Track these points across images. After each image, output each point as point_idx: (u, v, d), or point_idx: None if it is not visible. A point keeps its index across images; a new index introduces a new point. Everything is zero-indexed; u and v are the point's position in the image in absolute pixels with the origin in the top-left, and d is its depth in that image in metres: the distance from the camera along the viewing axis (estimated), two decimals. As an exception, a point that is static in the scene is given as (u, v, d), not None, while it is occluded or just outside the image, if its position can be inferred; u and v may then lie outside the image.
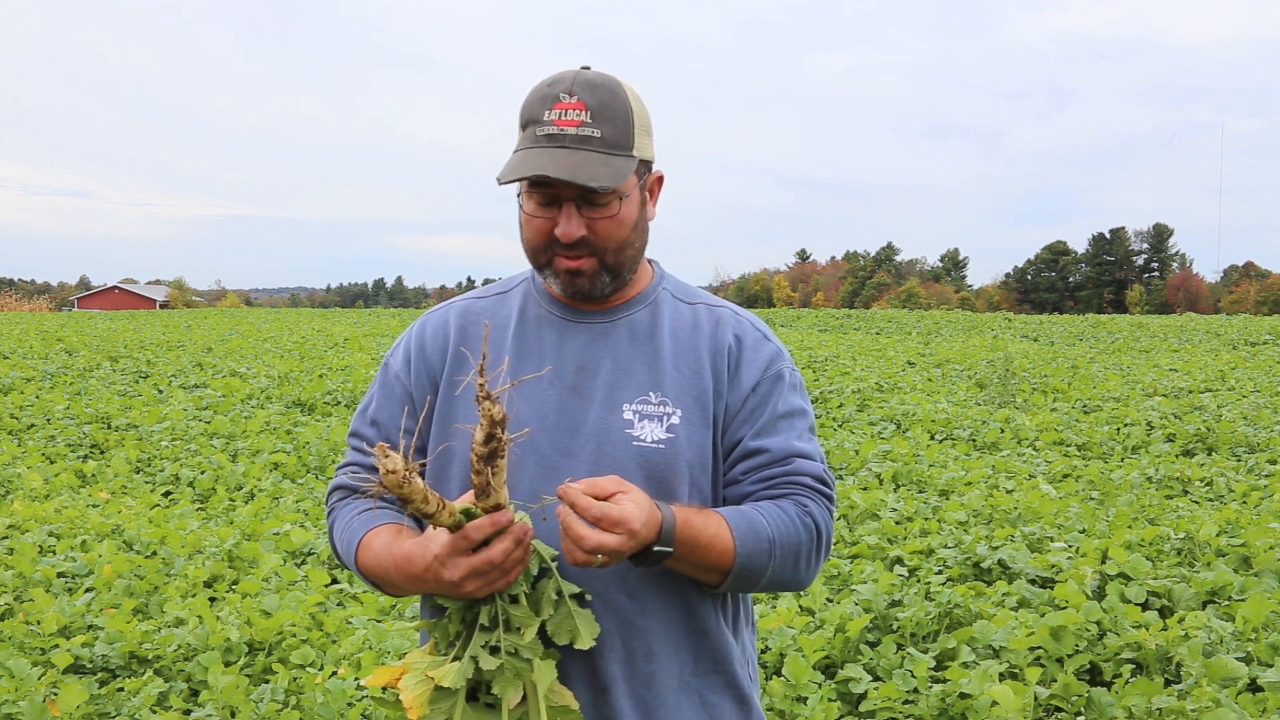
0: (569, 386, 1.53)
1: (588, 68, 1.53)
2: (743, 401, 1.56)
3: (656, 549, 1.38)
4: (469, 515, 1.31)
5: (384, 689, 1.43)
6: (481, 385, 1.23)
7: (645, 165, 1.54)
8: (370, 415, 1.63)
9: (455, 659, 1.37)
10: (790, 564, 1.50)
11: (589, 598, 1.43)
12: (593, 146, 1.46)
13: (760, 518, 1.48)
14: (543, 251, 1.53)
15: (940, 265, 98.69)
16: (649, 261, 1.67)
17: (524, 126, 1.50)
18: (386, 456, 1.22)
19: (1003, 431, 10.00)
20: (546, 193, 1.48)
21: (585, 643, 1.38)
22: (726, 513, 1.48)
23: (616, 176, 1.46)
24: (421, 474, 1.29)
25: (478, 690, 1.37)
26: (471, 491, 1.31)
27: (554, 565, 1.42)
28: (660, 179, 1.59)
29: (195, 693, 3.93)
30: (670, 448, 1.50)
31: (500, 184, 1.49)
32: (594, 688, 1.47)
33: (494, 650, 1.35)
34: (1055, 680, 3.76)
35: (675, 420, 1.52)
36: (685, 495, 1.51)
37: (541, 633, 1.38)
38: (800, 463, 1.54)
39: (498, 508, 1.30)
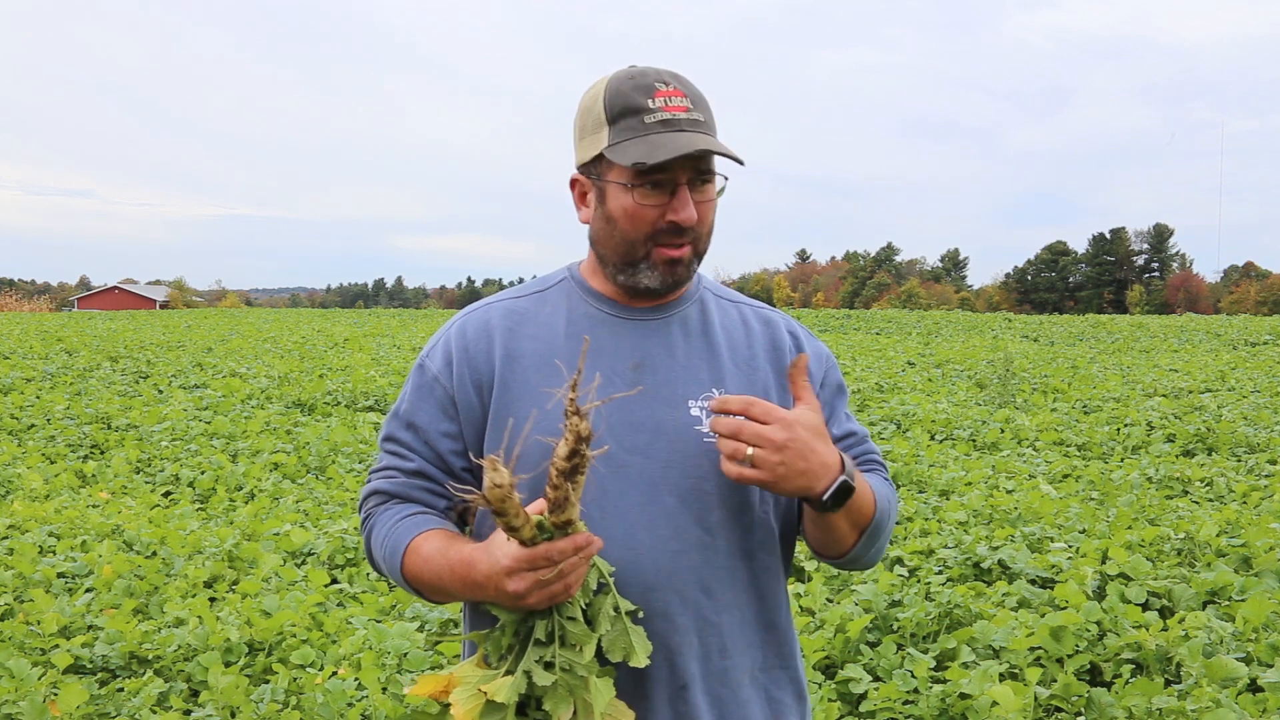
0: (628, 384, 1.51)
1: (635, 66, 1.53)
2: (818, 394, 1.60)
3: (843, 479, 1.40)
4: (540, 528, 1.30)
5: (421, 702, 1.41)
6: (572, 400, 1.21)
7: None
8: (406, 419, 1.57)
9: (507, 673, 1.35)
10: (890, 529, 1.59)
11: (641, 614, 1.43)
12: (704, 130, 1.47)
13: (879, 483, 1.57)
14: (643, 243, 1.49)
15: (940, 265, 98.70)
16: None
17: (617, 118, 1.47)
18: (496, 470, 1.21)
19: (1003, 431, 10.01)
20: (659, 179, 1.46)
21: (640, 660, 1.36)
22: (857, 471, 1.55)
23: (739, 156, 1.48)
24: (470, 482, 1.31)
25: (525, 705, 1.36)
26: (540, 501, 1.30)
27: (611, 580, 1.40)
28: None
29: (195, 693, 3.94)
30: None
31: (645, 167, 1.43)
32: (672, 686, 1.47)
33: (548, 666, 1.33)
34: (1055, 680, 3.76)
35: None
36: (757, 490, 1.52)
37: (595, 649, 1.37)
38: (870, 440, 1.66)
39: (569, 521, 1.29)
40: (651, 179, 1.46)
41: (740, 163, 1.47)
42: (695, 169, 1.46)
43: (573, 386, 1.22)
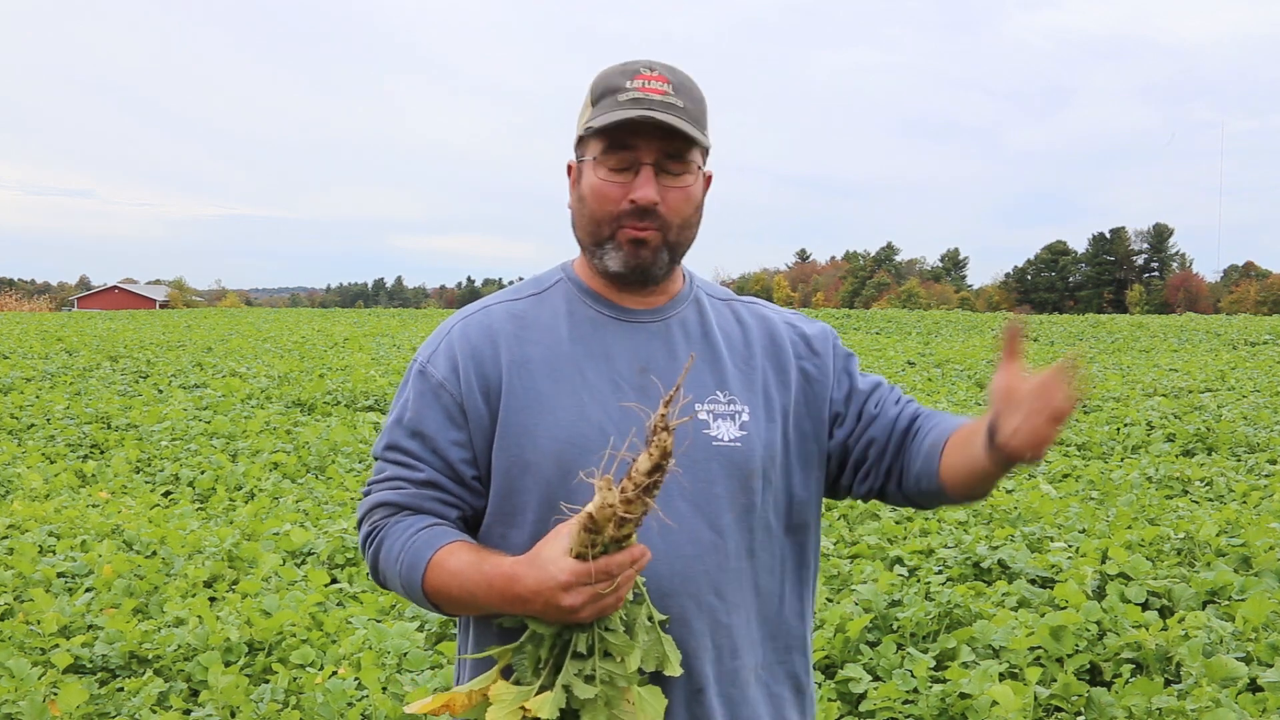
0: (636, 388, 1.50)
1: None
2: (835, 372, 1.64)
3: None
4: None
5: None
6: (662, 416, 1.21)
7: (707, 154, 1.56)
8: (410, 427, 1.51)
9: (543, 688, 1.33)
10: None
11: (669, 622, 1.43)
12: (678, 114, 1.47)
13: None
14: (608, 222, 1.49)
15: (940, 265, 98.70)
16: None
17: (598, 100, 1.49)
18: (610, 490, 1.21)
19: (1003, 431, 9.99)
20: (624, 157, 1.46)
21: (674, 669, 1.36)
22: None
23: (703, 138, 1.49)
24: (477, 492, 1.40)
25: None
26: (578, 519, 1.28)
27: (645, 590, 1.39)
28: (709, 178, 1.59)
29: (195, 693, 3.94)
30: (746, 445, 1.52)
31: (591, 132, 1.47)
32: (689, 689, 1.47)
33: (588, 679, 1.32)
34: (1055, 680, 3.76)
35: (746, 417, 1.53)
36: (760, 490, 1.53)
37: None
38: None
39: (628, 535, 1.27)
40: (617, 156, 1.46)
41: (702, 144, 1.48)
42: (663, 152, 1.47)
43: (666, 403, 1.21)
